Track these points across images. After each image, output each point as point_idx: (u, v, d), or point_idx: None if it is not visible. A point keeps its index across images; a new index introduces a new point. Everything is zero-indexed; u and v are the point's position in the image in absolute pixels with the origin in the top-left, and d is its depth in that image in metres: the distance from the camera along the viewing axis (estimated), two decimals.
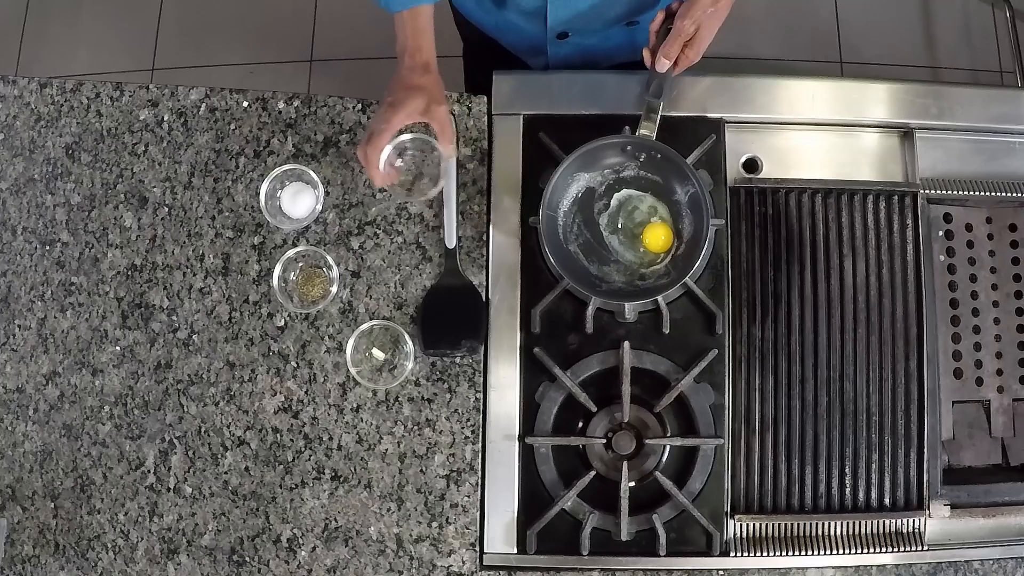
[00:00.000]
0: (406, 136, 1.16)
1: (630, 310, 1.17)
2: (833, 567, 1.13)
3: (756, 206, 1.20)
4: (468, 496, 1.15)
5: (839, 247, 1.19)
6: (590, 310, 1.16)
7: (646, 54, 1.14)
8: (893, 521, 1.14)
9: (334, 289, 1.18)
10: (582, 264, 1.18)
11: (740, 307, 1.18)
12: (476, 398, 1.17)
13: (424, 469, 1.16)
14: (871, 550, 1.12)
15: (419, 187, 1.21)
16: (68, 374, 1.22)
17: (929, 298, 1.18)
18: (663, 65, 1.12)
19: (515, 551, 1.14)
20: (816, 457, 1.15)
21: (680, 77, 1.19)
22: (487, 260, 1.20)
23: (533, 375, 1.17)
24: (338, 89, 1.29)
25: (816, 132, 1.24)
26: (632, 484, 1.13)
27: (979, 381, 1.19)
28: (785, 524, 1.14)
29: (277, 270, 1.17)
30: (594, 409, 1.16)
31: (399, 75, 1.09)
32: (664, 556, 1.12)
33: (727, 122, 1.22)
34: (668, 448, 1.15)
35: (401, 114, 1.06)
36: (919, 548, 1.13)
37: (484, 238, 1.21)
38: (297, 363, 1.19)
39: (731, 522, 1.14)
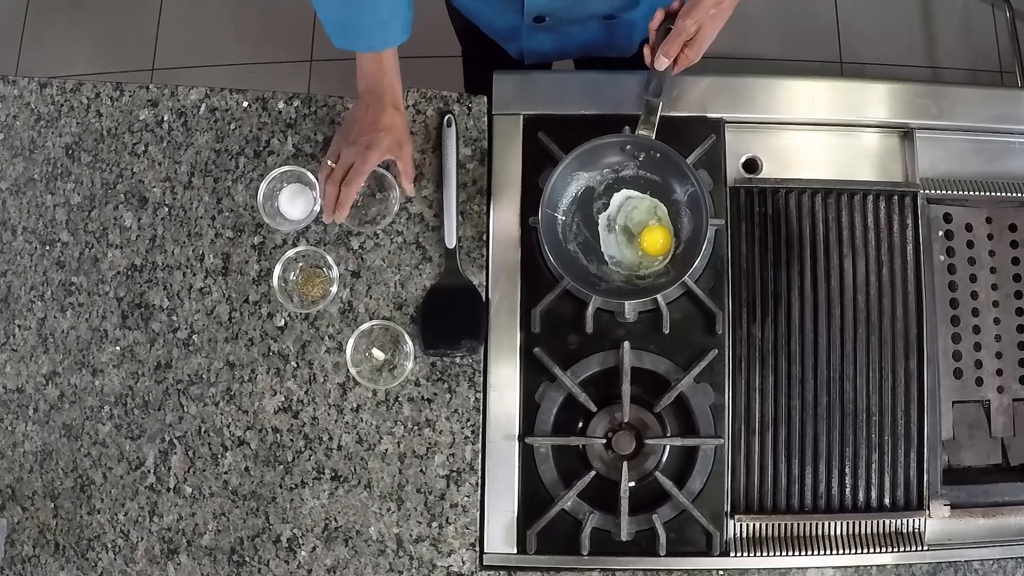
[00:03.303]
0: None
1: (630, 310, 1.17)
2: (833, 567, 1.13)
3: (756, 206, 1.20)
4: (468, 496, 1.15)
5: (839, 247, 1.19)
6: (590, 310, 1.16)
7: (646, 52, 1.14)
8: (893, 521, 1.14)
9: (334, 289, 1.18)
10: (581, 263, 1.18)
11: (740, 307, 1.18)
12: (476, 398, 1.17)
13: (424, 469, 1.16)
14: (871, 550, 1.13)
15: (371, 217, 1.21)
16: (68, 374, 1.22)
17: (929, 298, 1.18)
18: (662, 63, 1.12)
19: (515, 551, 1.14)
20: (816, 457, 1.15)
21: (680, 77, 1.19)
22: (487, 260, 1.20)
23: (533, 375, 1.17)
24: (338, 89, 1.29)
25: (816, 132, 1.24)
26: (632, 484, 1.13)
27: (979, 381, 1.19)
28: (785, 524, 1.14)
29: (277, 270, 1.17)
30: (594, 409, 1.16)
31: (370, 113, 1.12)
32: (664, 556, 1.12)
33: (727, 122, 1.22)
34: (668, 448, 1.16)
35: (376, 155, 1.11)
36: (919, 548, 1.13)
37: (484, 238, 1.21)
38: (297, 363, 1.19)
39: (731, 522, 1.14)
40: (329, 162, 1.13)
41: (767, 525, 1.14)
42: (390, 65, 1.13)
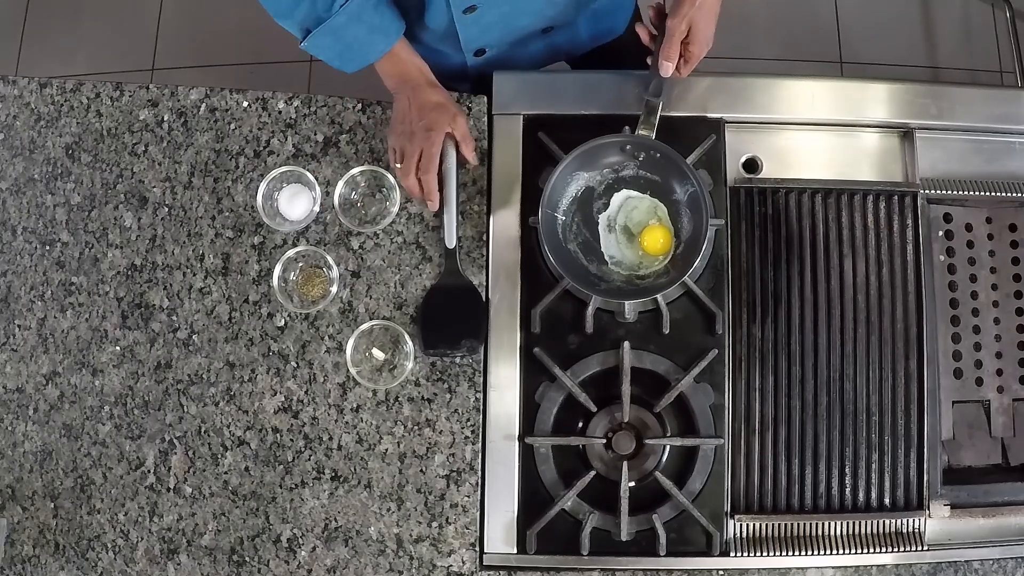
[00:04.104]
0: (356, 170, 1.19)
1: (630, 310, 1.17)
2: (833, 567, 1.13)
3: (756, 206, 1.20)
4: (468, 496, 1.15)
5: (839, 247, 1.19)
6: (590, 310, 1.16)
7: (650, 61, 1.14)
8: (893, 521, 1.14)
9: (334, 289, 1.18)
10: (581, 263, 1.18)
11: (740, 307, 1.18)
12: (476, 398, 1.17)
13: (424, 469, 1.16)
14: (871, 550, 1.12)
15: (371, 217, 1.21)
16: (68, 374, 1.22)
17: (929, 298, 1.18)
18: (667, 69, 1.12)
19: (515, 551, 1.14)
20: (816, 457, 1.15)
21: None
22: (487, 260, 1.20)
23: (533, 375, 1.17)
24: (338, 89, 1.29)
25: (816, 132, 1.24)
26: (632, 484, 1.13)
27: (979, 381, 1.19)
28: (785, 524, 1.14)
29: (277, 270, 1.17)
30: (594, 409, 1.16)
31: (413, 101, 1.12)
32: (664, 556, 1.12)
33: (727, 122, 1.22)
34: (668, 448, 1.15)
35: (438, 134, 1.10)
36: (919, 548, 1.13)
37: (484, 238, 1.21)
38: (297, 363, 1.19)
39: (731, 522, 1.14)
40: (397, 164, 1.13)
41: (767, 525, 1.14)
42: (406, 53, 1.14)
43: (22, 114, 1.29)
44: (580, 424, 1.17)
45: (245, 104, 1.26)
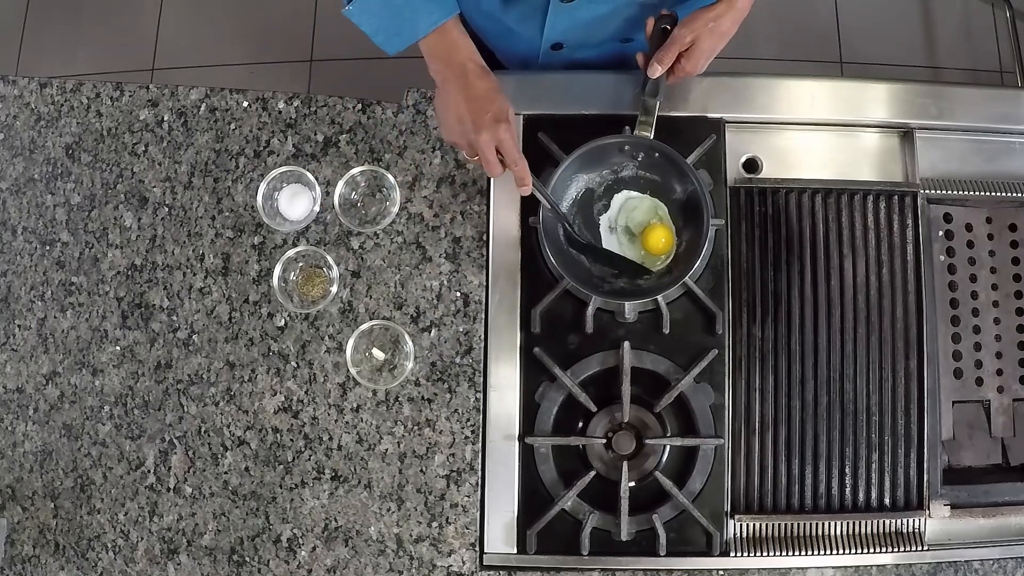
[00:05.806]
0: (356, 170, 1.19)
1: (630, 310, 1.17)
2: (833, 567, 1.13)
3: (756, 206, 1.20)
4: (468, 496, 1.15)
5: (839, 247, 1.19)
6: (590, 310, 1.16)
7: (639, 58, 1.14)
8: (893, 521, 1.14)
9: (334, 289, 1.18)
10: (584, 265, 1.18)
11: (740, 307, 1.18)
12: (476, 398, 1.17)
13: (424, 469, 1.16)
14: (871, 550, 1.12)
15: (371, 217, 1.22)
16: (68, 374, 1.22)
17: (929, 298, 1.18)
18: (655, 71, 1.12)
19: (515, 551, 1.14)
20: (816, 457, 1.15)
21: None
22: (487, 260, 1.20)
23: (533, 375, 1.17)
24: (338, 89, 1.29)
25: (816, 132, 1.24)
26: (632, 484, 1.13)
27: (979, 381, 1.19)
28: (785, 524, 1.14)
29: (277, 270, 1.17)
30: (594, 409, 1.16)
31: (467, 90, 1.04)
32: (664, 556, 1.12)
33: (727, 122, 1.22)
34: (668, 448, 1.15)
35: (506, 124, 1.03)
36: (919, 548, 1.13)
37: (484, 238, 1.21)
38: (297, 363, 1.19)
39: (731, 522, 1.14)
40: (470, 164, 1.09)
41: (767, 525, 1.14)
42: (457, 33, 1.05)
43: (22, 114, 1.29)
44: (580, 424, 1.17)
45: (245, 104, 1.26)
